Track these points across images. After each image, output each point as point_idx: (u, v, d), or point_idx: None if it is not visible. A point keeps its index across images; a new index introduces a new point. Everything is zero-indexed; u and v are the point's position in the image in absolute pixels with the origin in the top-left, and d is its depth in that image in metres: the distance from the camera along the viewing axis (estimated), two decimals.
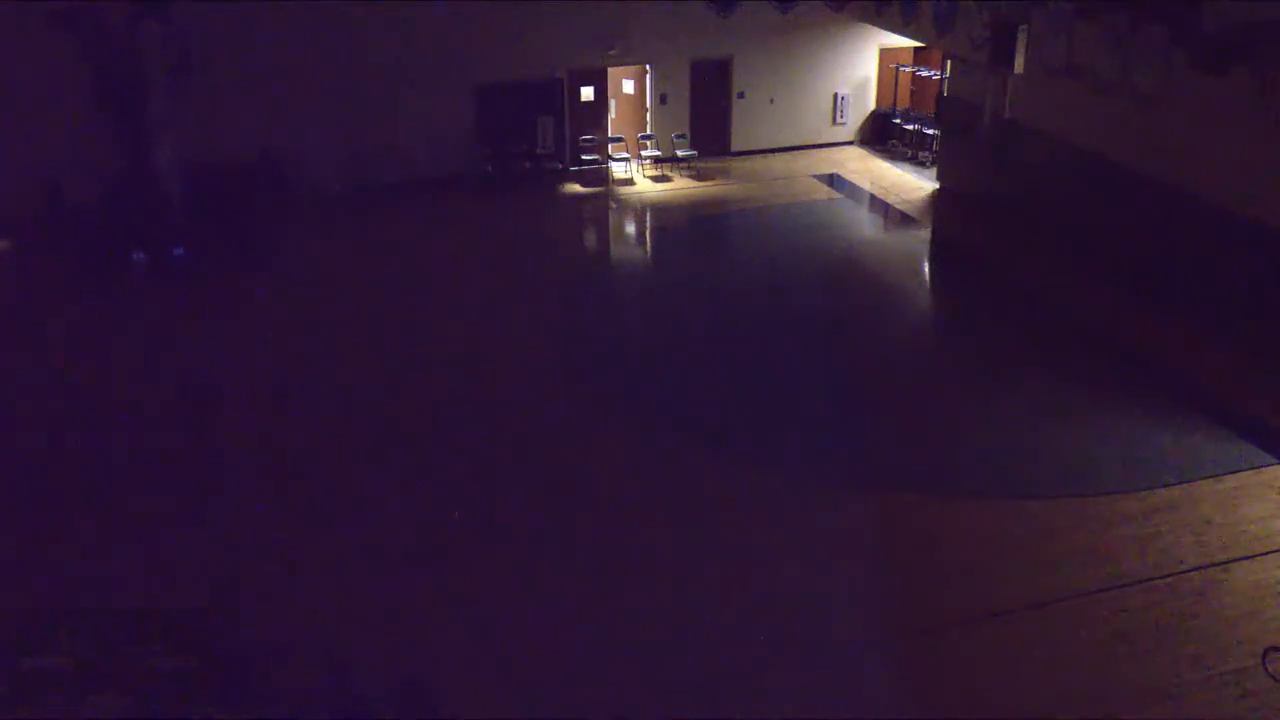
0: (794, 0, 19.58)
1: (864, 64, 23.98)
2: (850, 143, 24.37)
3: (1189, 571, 9.99)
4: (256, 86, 19.60)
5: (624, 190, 22.07)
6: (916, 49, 23.57)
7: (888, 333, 15.95)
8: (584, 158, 22.55)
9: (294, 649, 9.02)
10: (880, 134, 24.23)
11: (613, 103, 23.12)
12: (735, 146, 23.86)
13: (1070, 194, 17.24)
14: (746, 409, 13.31)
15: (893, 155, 23.46)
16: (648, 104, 23.19)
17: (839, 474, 11.94)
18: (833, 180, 22.16)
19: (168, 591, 9.83)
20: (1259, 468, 11.63)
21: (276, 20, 19.56)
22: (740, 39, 22.64)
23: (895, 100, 23.99)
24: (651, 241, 20.69)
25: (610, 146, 22.81)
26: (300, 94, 20.10)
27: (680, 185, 22.20)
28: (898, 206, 20.62)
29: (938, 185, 21.16)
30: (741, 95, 23.49)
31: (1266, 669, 8.71)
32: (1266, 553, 10.21)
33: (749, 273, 18.14)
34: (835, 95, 23.98)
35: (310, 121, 20.30)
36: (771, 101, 23.67)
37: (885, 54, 23.92)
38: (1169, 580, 9.88)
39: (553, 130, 22.37)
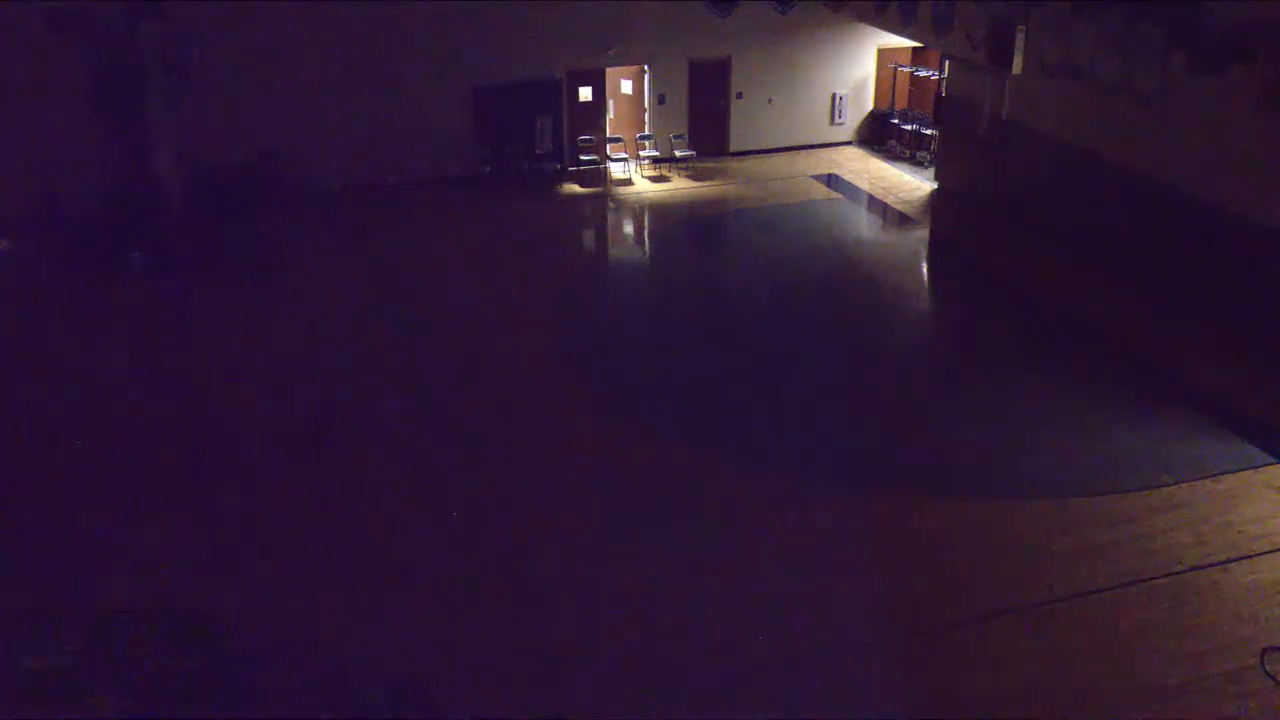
0: (793, 1, 19.58)
1: (862, 64, 24.00)
2: (849, 143, 24.39)
3: (1189, 571, 10.00)
4: (256, 86, 19.60)
5: (622, 190, 22.07)
6: (915, 49, 23.60)
7: (886, 333, 15.94)
8: (582, 158, 22.55)
9: (294, 649, 9.02)
10: (879, 134, 24.25)
11: (611, 103, 23.13)
12: (734, 147, 23.88)
13: (1068, 194, 17.26)
14: (745, 409, 13.31)
15: (891, 155, 23.49)
16: (646, 104, 23.20)
17: (839, 474, 11.95)
18: (831, 180, 22.18)
19: (168, 591, 9.83)
20: (1259, 468, 11.64)
21: (276, 20, 19.56)
22: (739, 39, 22.64)
23: (894, 100, 24.01)
24: (650, 242, 20.68)
25: (609, 147, 22.82)
26: (300, 94, 20.11)
27: (679, 185, 22.21)
28: (896, 207, 20.63)
29: (936, 185, 21.18)
30: (740, 95, 23.50)
31: (1265, 669, 8.73)
32: (1266, 553, 10.22)
33: (747, 273, 18.15)
34: (833, 95, 24.00)
35: (309, 122, 20.30)
36: (770, 102, 23.69)
37: (884, 54, 23.94)
38: (1169, 580, 9.89)
39: (551, 130, 22.38)
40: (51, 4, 16.59)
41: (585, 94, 22.67)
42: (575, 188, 22.13)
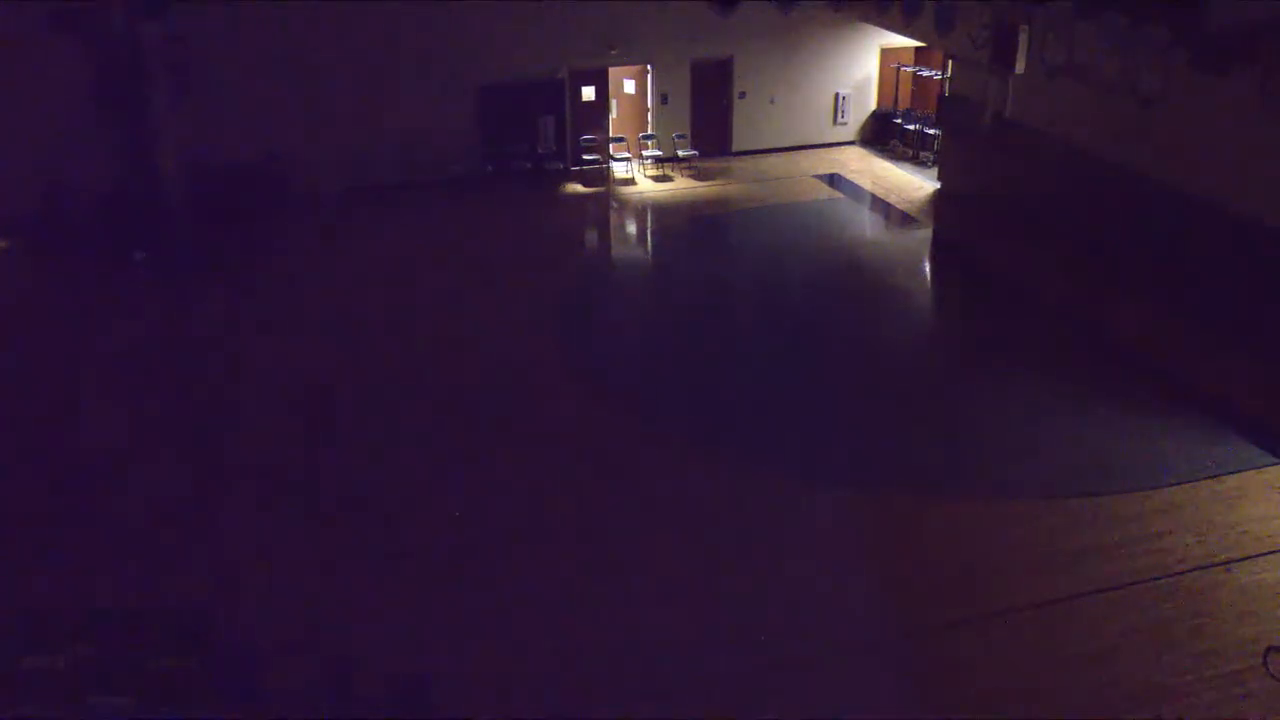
0: (795, 0, 19.57)
1: (865, 64, 23.97)
2: (851, 143, 24.37)
3: (1189, 571, 9.98)
4: (258, 87, 19.61)
5: (625, 190, 22.07)
6: (917, 49, 23.57)
7: (888, 333, 15.92)
8: (585, 158, 22.55)
9: (294, 649, 9.03)
10: (881, 134, 24.23)
11: (614, 103, 23.13)
12: (736, 146, 23.86)
13: (1070, 194, 17.24)
14: (747, 408, 13.30)
15: (894, 155, 23.47)
16: (649, 104, 23.20)
17: (839, 474, 11.94)
18: (834, 180, 22.16)
19: (168, 592, 9.84)
20: (1259, 468, 11.61)
21: (278, 21, 19.57)
22: (741, 39, 22.63)
23: (896, 100, 23.98)
24: (652, 241, 20.68)
25: (611, 146, 22.81)
26: (302, 94, 20.09)
27: (681, 185, 22.20)
28: (899, 207, 20.61)
29: (939, 185, 21.15)
30: (742, 95, 23.49)
31: (1267, 669, 8.71)
32: (1266, 553, 10.20)
33: (750, 273, 18.14)
34: (836, 95, 23.98)
35: (312, 122, 20.30)
36: (772, 101, 23.67)
37: (886, 54, 23.92)
38: (1169, 580, 9.88)
39: (554, 130, 22.38)
40: (54, 4, 16.61)
41: (588, 94, 22.67)
42: (578, 187, 22.13)
